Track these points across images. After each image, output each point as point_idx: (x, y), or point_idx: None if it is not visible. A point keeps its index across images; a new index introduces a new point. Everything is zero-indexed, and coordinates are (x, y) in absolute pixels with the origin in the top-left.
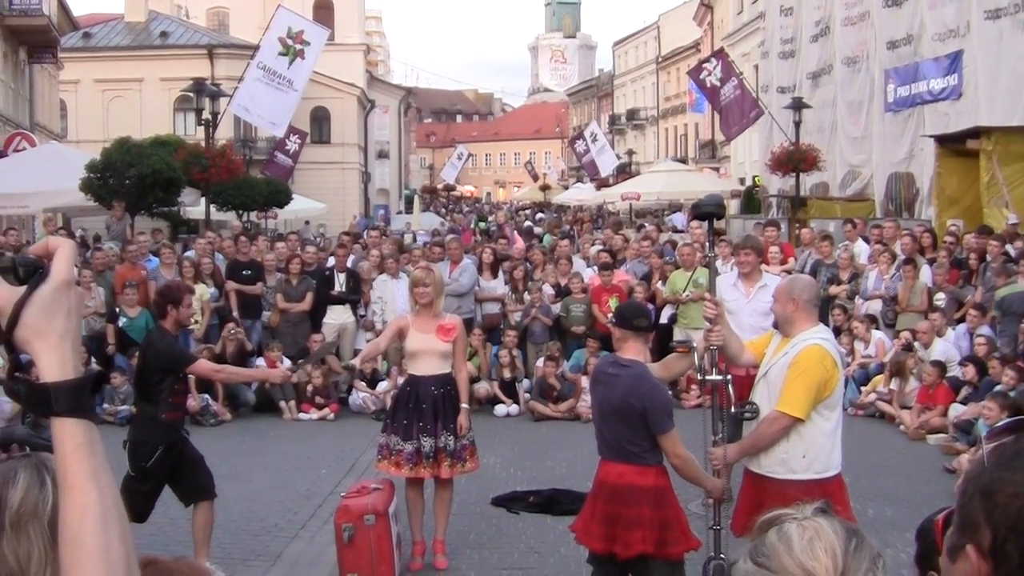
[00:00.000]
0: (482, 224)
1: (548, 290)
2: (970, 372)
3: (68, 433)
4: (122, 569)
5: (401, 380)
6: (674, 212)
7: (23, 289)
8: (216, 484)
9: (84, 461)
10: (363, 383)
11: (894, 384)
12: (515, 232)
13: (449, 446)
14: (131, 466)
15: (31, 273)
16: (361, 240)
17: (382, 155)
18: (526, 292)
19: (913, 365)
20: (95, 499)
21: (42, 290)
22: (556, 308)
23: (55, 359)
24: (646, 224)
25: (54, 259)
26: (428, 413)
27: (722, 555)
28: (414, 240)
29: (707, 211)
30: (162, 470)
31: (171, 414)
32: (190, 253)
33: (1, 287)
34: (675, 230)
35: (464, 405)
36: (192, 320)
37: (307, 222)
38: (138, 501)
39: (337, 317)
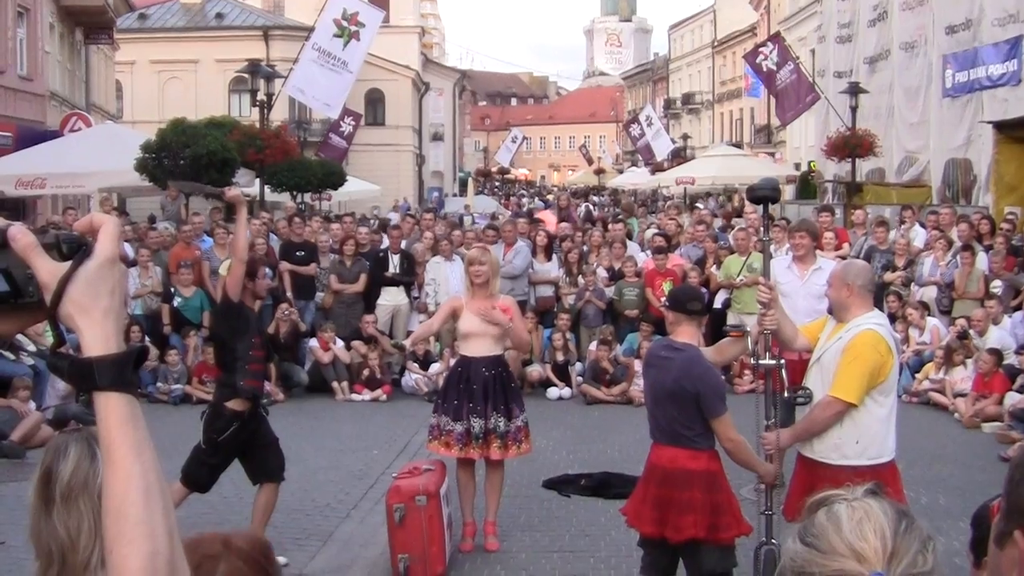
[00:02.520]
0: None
1: (602, 273)
2: None
3: (112, 407)
4: (165, 541)
5: (453, 361)
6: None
7: (68, 265)
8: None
9: (128, 435)
10: (416, 364)
11: (944, 373)
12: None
13: (499, 428)
14: (203, 438)
15: (75, 250)
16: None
17: (436, 138)
18: (580, 275)
19: (963, 355)
20: (139, 473)
21: (87, 266)
22: (609, 292)
23: (98, 335)
24: (700, 205)
25: (99, 236)
26: (479, 394)
27: (773, 540)
28: (473, 222)
29: (762, 195)
30: (232, 446)
31: (250, 382)
32: None
33: (47, 263)
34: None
35: (508, 325)
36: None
37: (375, 208)
38: (203, 473)
39: (391, 298)
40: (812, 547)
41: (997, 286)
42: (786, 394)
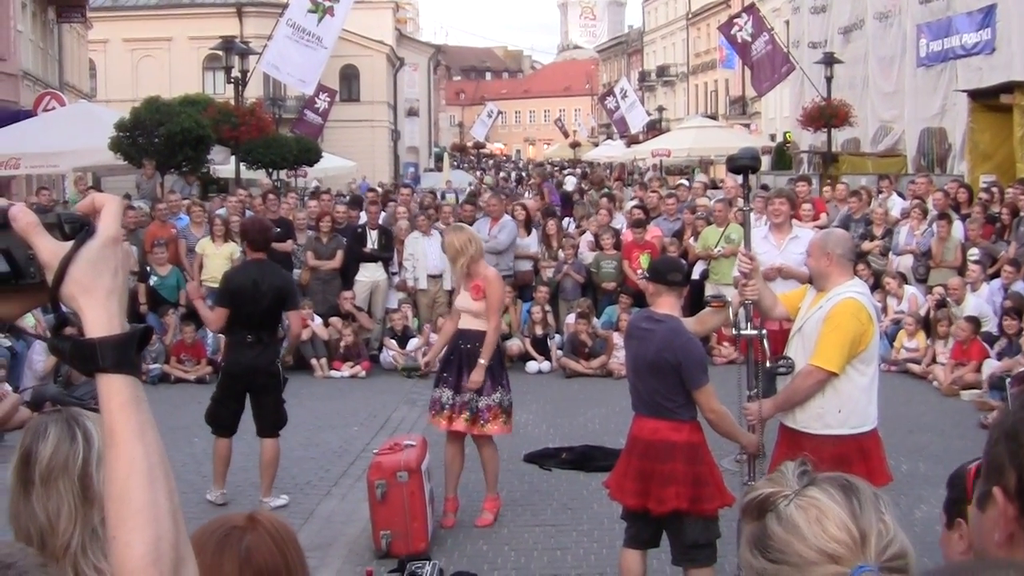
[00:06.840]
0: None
1: (588, 237)
2: (1013, 326)
3: (114, 390)
4: (168, 524)
5: (433, 337)
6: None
7: (70, 245)
8: (248, 442)
9: (130, 418)
10: (393, 341)
11: (916, 343)
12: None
13: (474, 403)
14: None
15: (77, 229)
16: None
17: (411, 113)
18: (560, 249)
19: (946, 326)
20: (141, 455)
21: (89, 246)
22: (590, 259)
23: (101, 315)
24: (684, 182)
25: (101, 216)
26: (453, 365)
27: None
28: (457, 200)
29: (742, 164)
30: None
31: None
32: (221, 211)
33: (48, 242)
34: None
35: (481, 361)
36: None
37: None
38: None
39: (369, 274)
40: (782, 563)
41: (974, 254)
42: (768, 364)
